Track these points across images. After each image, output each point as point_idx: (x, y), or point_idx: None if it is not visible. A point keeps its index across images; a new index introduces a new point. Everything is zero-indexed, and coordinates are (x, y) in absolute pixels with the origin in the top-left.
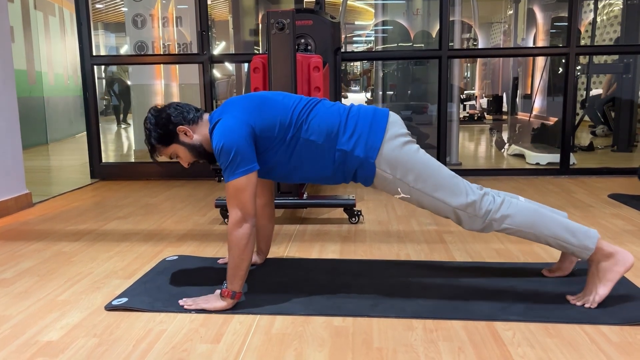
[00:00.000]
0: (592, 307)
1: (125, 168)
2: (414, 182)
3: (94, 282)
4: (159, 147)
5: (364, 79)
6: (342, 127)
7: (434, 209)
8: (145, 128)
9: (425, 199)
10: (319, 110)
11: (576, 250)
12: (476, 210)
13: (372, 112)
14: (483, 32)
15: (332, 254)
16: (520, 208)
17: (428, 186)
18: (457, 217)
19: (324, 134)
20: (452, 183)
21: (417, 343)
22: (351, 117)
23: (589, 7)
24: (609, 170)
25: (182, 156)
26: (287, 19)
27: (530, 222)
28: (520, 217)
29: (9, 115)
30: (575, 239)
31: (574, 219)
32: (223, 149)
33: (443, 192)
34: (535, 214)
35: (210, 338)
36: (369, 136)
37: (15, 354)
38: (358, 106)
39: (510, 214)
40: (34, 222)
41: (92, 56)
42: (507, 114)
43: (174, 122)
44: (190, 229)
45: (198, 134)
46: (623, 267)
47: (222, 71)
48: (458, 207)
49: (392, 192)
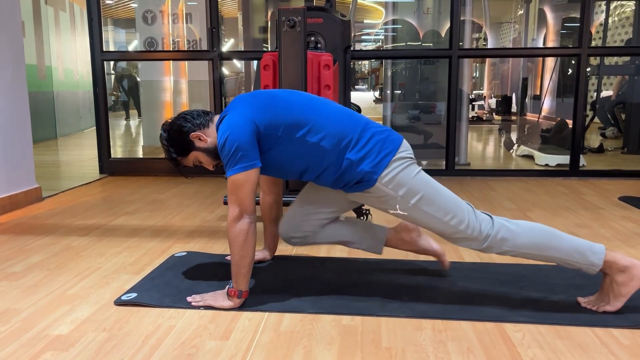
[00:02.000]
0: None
1: (134, 164)
2: (416, 202)
3: (103, 277)
4: (180, 159)
5: (371, 77)
6: (356, 138)
7: (433, 228)
8: (163, 145)
9: (425, 218)
10: (334, 115)
11: (583, 267)
12: (475, 233)
13: (388, 132)
14: (493, 32)
15: (340, 252)
16: (520, 230)
17: (431, 207)
18: (455, 238)
19: (335, 140)
20: (454, 206)
21: (426, 343)
22: (367, 130)
23: (601, 8)
24: (619, 172)
25: (204, 161)
26: (298, 17)
27: (532, 243)
28: (521, 239)
29: (20, 109)
30: (580, 256)
31: (584, 221)
32: (225, 144)
33: (445, 213)
34: (538, 233)
35: (219, 334)
36: (379, 152)
37: (25, 347)
38: (375, 123)
39: (508, 238)
40: (44, 216)
41: (102, 52)
42: (516, 114)
43: (185, 132)
44: (199, 226)
45: (211, 137)
46: (638, 282)
47: (230, 68)
48: (458, 229)
49: (386, 208)
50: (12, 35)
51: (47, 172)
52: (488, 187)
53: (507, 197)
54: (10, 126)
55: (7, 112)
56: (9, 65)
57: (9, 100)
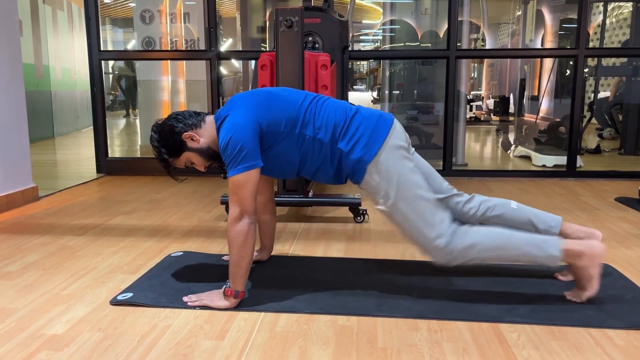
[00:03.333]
0: (584, 302)
1: (131, 163)
2: (395, 198)
3: (99, 276)
4: (172, 160)
5: (370, 78)
6: (345, 127)
7: (405, 230)
8: (154, 147)
9: (400, 218)
10: (326, 108)
11: (545, 261)
12: (443, 245)
13: (377, 117)
14: (491, 32)
15: (337, 252)
16: (481, 235)
17: (408, 207)
18: (422, 247)
19: (329, 132)
20: (431, 212)
21: (422, 343)
22: (356, 118)
23: (598, 10)
24: (616, 173)
25: (196, 161)
26: (295, 17)
27: (494, 244)
28: (484, 244)
29: (17, 109)
30: (539, 250)
31: (580, 221)
32: (229, 144)
33: (419, 217)
34: (499, 235)
35: (214, 334)
36: (368, 140)
37: (20, 346)
38: (365, 108)
39: (471, 243)
40: (40, 215)
41: (100, 51)
42: (513, 115)
43: (178, 132)
44: (196, 225)
45: (204, 137)
46: (598, 259)
47: (228, 68)
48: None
49: (373, 201)
50: (10, 34)
51: (44, 171)
52: (485, 187)
53: (504, 197)
54: (7, 125)
55: (4, 111)
56: (6, 64)
57: (5, 99)
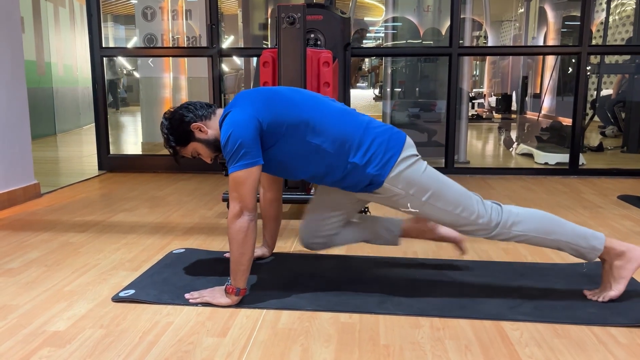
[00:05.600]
0: (605, 301)
1: (133, 160)
2: (427, 199)
3: (101, 273)
4: (179, 148)
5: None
6: (358, 142)
7: (444, 221)
8: (163, 133)
9: (436, 212)
10: (336, 117)
11: (585, 251)
12: (485, 221)
13: (390, 132)
14: (493, 30)
15: (338, 250)
16: (528, 215)
17: (442, 202)
18: (465, 229)
19: (337, 144)
20: (464, 198)
21: (424, 341)
22: (368, 133)
23: (601, 7)
24: (619, 171)
25: (202, 153)
26: (298, 14)
27: (540, 227)
28: (528, 224)
29: (19, 105)
30: (583, 240)
31: (583, 219)
32: (229, 141)
33: (455, 206)
34: (543, 218)
35: (216, 331)
36: (384, 154)
37: (22, 343)
38: (376, 121)
39: (517, 223)
40: (42, 212)
41: (101, 48)
42: (516, 112)
43: (187, 121)
44: (197, 223)
45: (212, 129)
46: (635, 264)
47: (230, 65)
48: (469, 220)
49: (398, 206)
50: (11, 31)
51: (46, 168)
52: (487, 185)
53: (506, 195)
54: (9, 122)
55: (6, 108)
56: (8, 61)
57: (7, 96)
